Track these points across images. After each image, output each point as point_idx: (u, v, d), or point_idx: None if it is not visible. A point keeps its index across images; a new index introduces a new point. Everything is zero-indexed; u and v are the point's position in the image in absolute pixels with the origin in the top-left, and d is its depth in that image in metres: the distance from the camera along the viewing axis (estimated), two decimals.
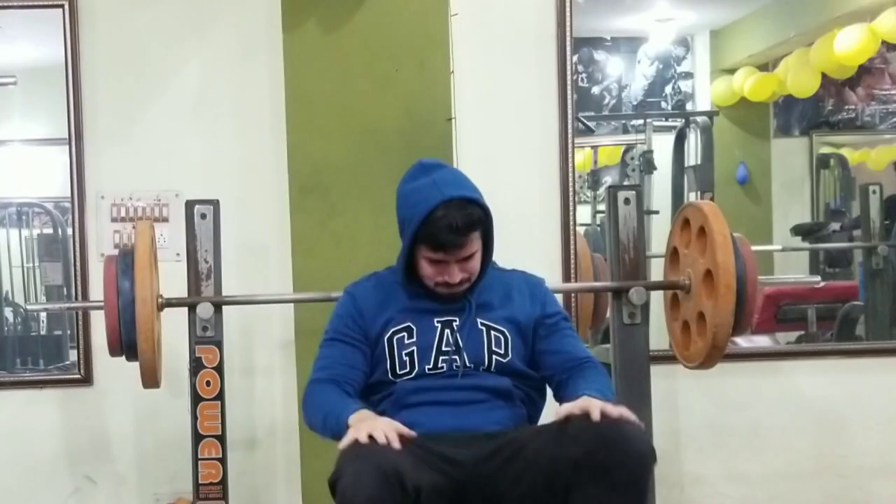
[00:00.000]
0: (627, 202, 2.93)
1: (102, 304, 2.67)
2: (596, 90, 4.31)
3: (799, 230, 4.43)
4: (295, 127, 3.10)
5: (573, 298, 3.32)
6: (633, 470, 2.04)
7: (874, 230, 4.17)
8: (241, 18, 3.29)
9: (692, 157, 4.27)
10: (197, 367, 2.82)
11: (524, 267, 2.57)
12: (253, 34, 3.27)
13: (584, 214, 4.09)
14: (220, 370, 2.82)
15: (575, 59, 3.37)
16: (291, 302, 3.10)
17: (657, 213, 4.08)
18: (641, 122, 4.33)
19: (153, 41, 3.30)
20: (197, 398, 2.82)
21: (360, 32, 3.08)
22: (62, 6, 3.24)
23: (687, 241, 2.81)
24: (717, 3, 4.35)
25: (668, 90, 4.37)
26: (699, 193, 4.18)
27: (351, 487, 1.98)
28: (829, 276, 4.40)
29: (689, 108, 4.42)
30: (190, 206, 2.85)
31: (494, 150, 3.31)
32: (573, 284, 3.29)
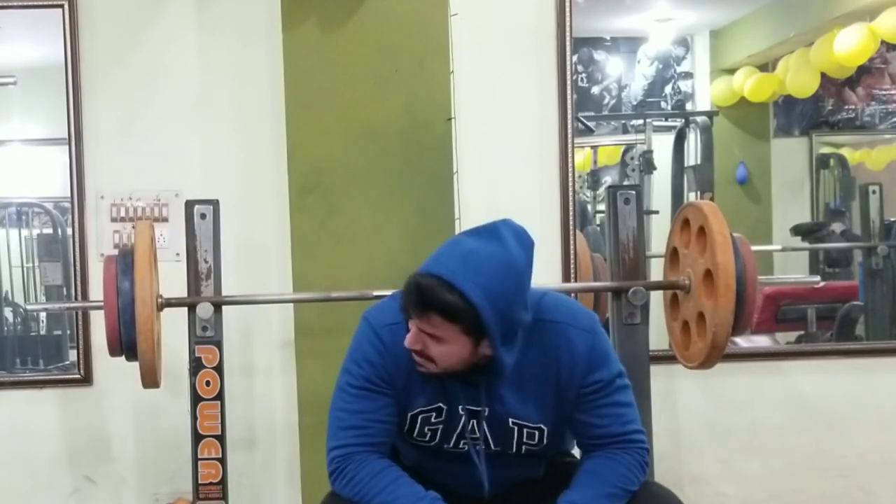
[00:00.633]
0: (627, 202, 2.92)
1: (102, 304, 2.66)
2: (596, 90, 4.30)
3: (799, 230, 4.42)
4: (295, 127, 3.10)
5: (573, 298, 3.30)
6: None
7: (874, 230, 4.17)
8: (240, 18, 3.29)
9: (692, 157, 4.26)
10: (197, 367, 2.81)
11: None
12: (253, 34, 3.26)
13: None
14: (219, 370, 2.82)
15: (575, 59, 3.36)
16: (291, 302, 3.10)
17: (657, 213, 4.08)
18: (641, 122, 4.32)
19: (153, 41, 3.30)
20: (197, 398, 2.81)
21: (359, 32, 3.08)
22: (62, 6, 3.24)
23: (687, 241, 2.80)
24: (717, 3, 4.34)
25: (667, 90, 4.36)
26: (699, 193, 4.17)
27: None
28: (828, 276, 4.39)
29: (688, 108, 4.41)
30: (190, 205, 2.85)
31: (494, 150, 3.31)
32: (573, 284, 3.28)
